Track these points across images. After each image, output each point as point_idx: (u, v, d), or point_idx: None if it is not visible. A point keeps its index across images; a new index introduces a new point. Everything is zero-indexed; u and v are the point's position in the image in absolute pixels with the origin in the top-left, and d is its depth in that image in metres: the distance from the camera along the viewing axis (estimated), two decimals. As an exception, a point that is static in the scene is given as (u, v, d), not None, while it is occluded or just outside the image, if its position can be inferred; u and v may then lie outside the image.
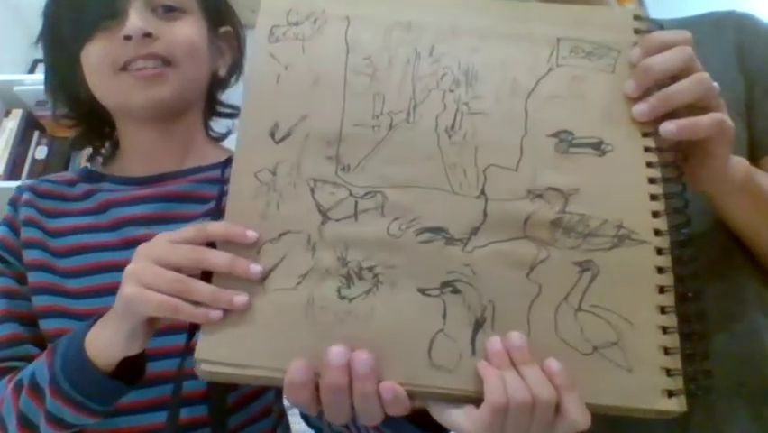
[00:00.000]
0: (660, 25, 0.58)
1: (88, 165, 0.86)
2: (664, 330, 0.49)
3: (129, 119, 0.78)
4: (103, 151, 0.88)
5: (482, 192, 0.52)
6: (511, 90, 0.56)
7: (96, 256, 0.72)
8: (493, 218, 0.52)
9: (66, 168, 1.95)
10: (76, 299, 0.70)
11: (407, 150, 0.54)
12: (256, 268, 0.50)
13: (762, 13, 0.79)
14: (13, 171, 1.92)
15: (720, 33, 0.73)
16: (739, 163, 0.57)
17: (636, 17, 0.59)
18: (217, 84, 0.85)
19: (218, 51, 0.82)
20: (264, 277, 0.51)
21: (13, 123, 1.99)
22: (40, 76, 2.09)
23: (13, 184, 1.83)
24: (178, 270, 0.51)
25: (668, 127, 0.52)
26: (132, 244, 0.58)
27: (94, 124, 0.84)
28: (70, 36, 0.73)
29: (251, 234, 0.51)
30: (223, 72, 0.84)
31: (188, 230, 0.53)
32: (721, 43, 0.73)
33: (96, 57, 0.72)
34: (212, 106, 0.87)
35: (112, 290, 0.54)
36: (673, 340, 0.49)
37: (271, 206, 0.53)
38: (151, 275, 0.50)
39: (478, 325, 0.50)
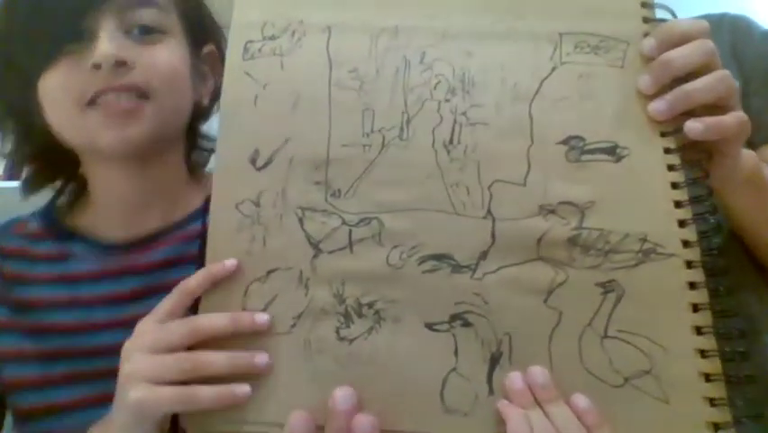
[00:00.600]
0: (672, 12, 0.53)
1: (54, 207, 0.72)
2: (703, 354, 0.44)
3: (98, 159, 0.66)
4: (65, 193, 0.73)
5: (489, 212, 0.47)
6: (513, 95, 0.50)
7: (72, 340, 0.63)
8: (503, 240, 0.47)
9: None
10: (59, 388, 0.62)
11: (403, 170, 0.49)
12: (262, 318, 0.46)
13: (756, 12, 0.78)
14: (13, 171, 1.87)
15: (715, 36, 0.71)
16: (748, 157, 0.53)
17: (644, 4, 0.53)
18: (199, 115, 0.72)
19: (200, 77, 0.70)
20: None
21: None
22: None
23: (14, 184, 1.80)
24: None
25: (695, 126, 0.47)
26: (116, 325, 0.52)
27: (51, 161, 0.70)
28: (26, 60, 0.60)
29: (230, 262, 0.47)
30: (206, 101, 0.71)
31: (169, 301, 0.47)
32: (717, 46, 0.70)
33: (57, 89, 0.59)
34: (193, 140, 0.75)
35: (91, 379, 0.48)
36: (715, 364, 0.43)
37: (257, 241, 0.48)
38: (153, 368, 0.44)
39: (494, 360, 0.45)
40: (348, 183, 0.49)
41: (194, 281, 0.47)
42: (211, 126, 0.74)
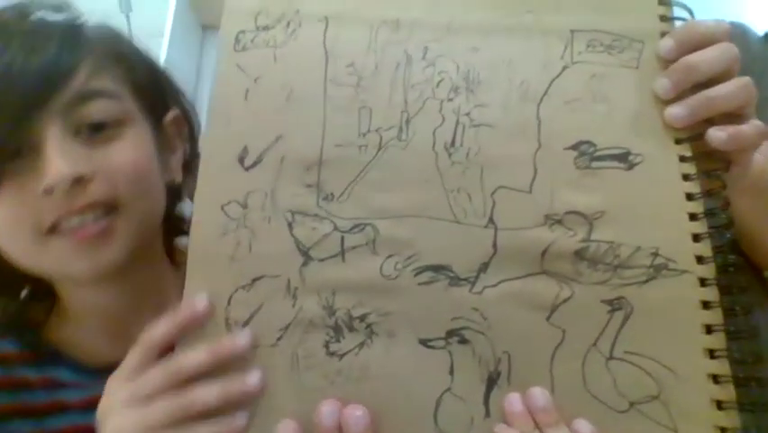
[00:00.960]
0: (689, 11, 0.50)
1: (26, 322, 0.60)
2: (715, 379, 0.41)
3: (69, 282, 0.57)
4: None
5: (491, 220, 0.44)
6: (520, 95, 0.47)
7: None
8: (505, 251, 0.44)
9: None
10: None
11: (401, 173, 0.46)
12: (243, 338, 0.43)
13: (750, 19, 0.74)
14: None
15: None
16: (757, 159, 0.49)
17: (662, 2, 0.50)
18: (175, 196, 0.61)
19: (169, 151, 0.60)
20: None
21: None
22: None
23: None
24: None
25: (718, 135, 0.44)
26: None
27: (10, 282, 0.58)
28: None
29: (201, 303, 0.43)
30: (178, 177, 0.61)
31: (134, 357, 0.43)
32: None
33: (7, 220, 0.49)
34: (173, 225, 0.64)
35: None
36: (728, 391, 0.41)
37: (242, 245, 0.45)
38: (141, 420, 0.40)
39: (491, 381, 0.42)
40: (342, 186, 0.46)
41: (159, 332, 0.43)
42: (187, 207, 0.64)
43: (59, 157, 0.47)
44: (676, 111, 0.46)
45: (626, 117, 0.47)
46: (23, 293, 0.60)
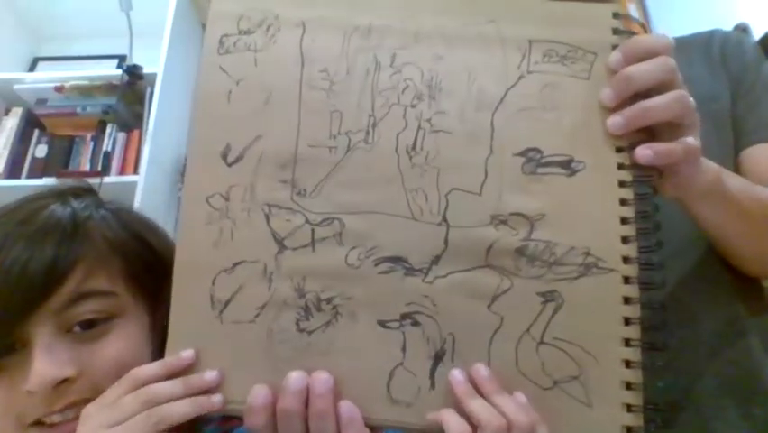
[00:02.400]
0: (641, 24, 0.54)
1: None
2: (628, 364, 0.48)
3: None
4: None
5: (444, 219, 0.50)
6: (477, 103, 0.52)
7: None
8: (455, 247, 0.50)
9: (66, 166, 1.92)
10: None
11: (366, 173, 0.51)
12: (211, 376, 0.48)
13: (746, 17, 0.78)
14: (12, 170, 1.91)
15: (708, 51, 0.75)
16: (708, 169, 0.54)
17: (616, 15, 0.54)
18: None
19: (160, 313, 0.58)
20: (222, 309, 0.50)
21: (12, 121, 1.97)
22: (40, 74, 2.14)
23: (13, 183, 1.84)
24: None
25: (645, 153, 0.49)
26: None
27: None
28: None
29: (187, 355, 0.49)
30: None
31: (119, 388, 0.47)
32: (709, 60, 0.74)
33: None
34: None
35: None
36: (636, 375, 0.47)
37: (225, 233, 0.51)
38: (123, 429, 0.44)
39: (437, 358, 0.49)
40: (313, 183, 0.51)
41: (147, 372, 0.47)
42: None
43: (44, 361, 0.49)
44: (614, 119, 0.51)
45: (573, 126, 0.52)
46: None
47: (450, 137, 0.51)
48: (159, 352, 0.52)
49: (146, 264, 0.59)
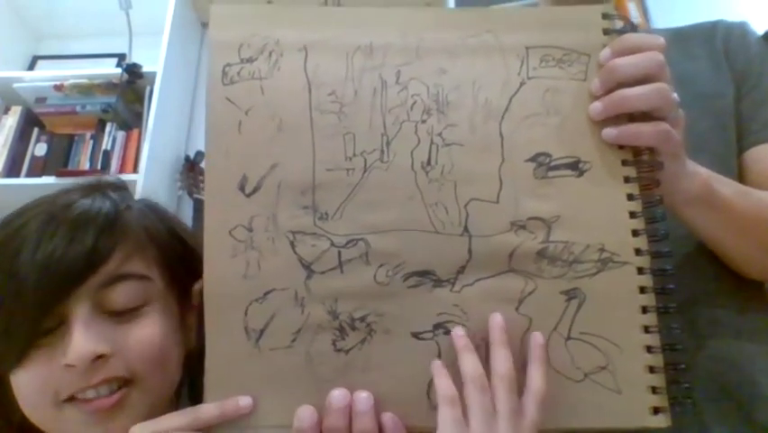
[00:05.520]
0: (632, 23, 0.56)
1: None
2: (649, 349, 0.51)
3: None
4: None
5: (465, 229, 0.52)
6: (484, 114, 0.54)
7: None
8: (479, 255, 0.52)
9: (65, 165, 1.88)
10: None
11: (385, 192, 0.52)
12: (245, 401, 0.50)
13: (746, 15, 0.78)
14: (12, 168, 1.87)
15: (711, 44, 0.73)
16: (696, 175, 0.56)
17: (605, 16, 0.56)
18: (194, 360, 0.59)
19: (192, 319, 0.62)
20: (258, 337, 0.51)
21: (12, 120, 1.94)
22: (39, 73, 2.09)
23: (13, 181, 1.81)
24: None
25: (609, 132, 0.52)
26: None
27: None
28: None
29: (244, 402, 0.50)
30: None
31: (179, 420, 0.49)
32: (712, 54, 0.72)
33: (29, 387, 0.53)
34: (195, 388, 0.61)
35: None
36: (658, 359, 0.51)
37: (252, 264, 0.52)
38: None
39: (473, 363, 0.51)
40: (334, 206, 0.52)
41: (208, 414, 0.49)
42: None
43: (82, 336, 0.51)
44: (595, 105, 0.53)
45: (576, 127, 0.54)
46: None
47: (462, 149, 0.53)
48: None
49: (178, 256, 0.62)
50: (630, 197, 0.53)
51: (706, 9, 0.79)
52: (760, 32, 0.78)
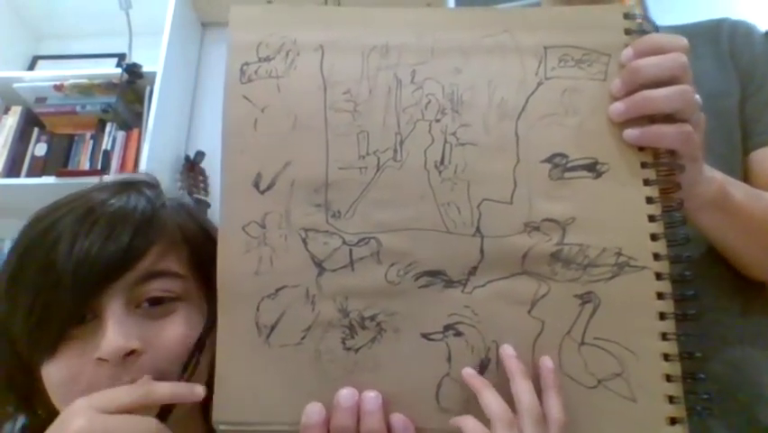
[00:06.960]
0: (654, 24, 0.55)
1: None
2: (666, 357, 0.49)
3: None
4: None
5: (478, 230, 0.51)
6: (500, 113, 0.53)
7: None
8: (491, 256, 0.51)
9: (65, 165, 1.91)
10: None
11: (398, 191, 0.52)
12: (198, 389, 0.51)
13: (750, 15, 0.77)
14: (12, 168, 1.90)
15: (716, 43, 0.72)
16: (712, 180, 0.55)
17: (627, 16, 0.55)
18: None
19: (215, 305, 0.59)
20: (268, 334, 0.51)
21: (12, 119, 1.97)
22: (39, 72, 2.12)
23: (13, 181, 1.83)
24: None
25: (632, 133, 0.51)
26: None
27: None
28: (26, 347, 0.55)
29: (198, 390, 0.51)
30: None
31: (131, 393, 0.49)
32: (718, 53, 0.72)
33: (60, 379, 0.53)
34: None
35: None
36: (675, 367, 0.49)
37: (264, 261, 0.52)
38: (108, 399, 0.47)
39: (483, 366, 0.50)
40: (347, 205, 0.52)
41: (160, 392, 0.50)
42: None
43: (115, 331, 0.52)
44: (616, 106, 0.52)
45: (595, 129, 0.53)
46: None
47: (476, 149, 0.53)
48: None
49: (209, 255, 0.60)
50: (649, 200, 0.52)
51: (706, 8, 0.77)
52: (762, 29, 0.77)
